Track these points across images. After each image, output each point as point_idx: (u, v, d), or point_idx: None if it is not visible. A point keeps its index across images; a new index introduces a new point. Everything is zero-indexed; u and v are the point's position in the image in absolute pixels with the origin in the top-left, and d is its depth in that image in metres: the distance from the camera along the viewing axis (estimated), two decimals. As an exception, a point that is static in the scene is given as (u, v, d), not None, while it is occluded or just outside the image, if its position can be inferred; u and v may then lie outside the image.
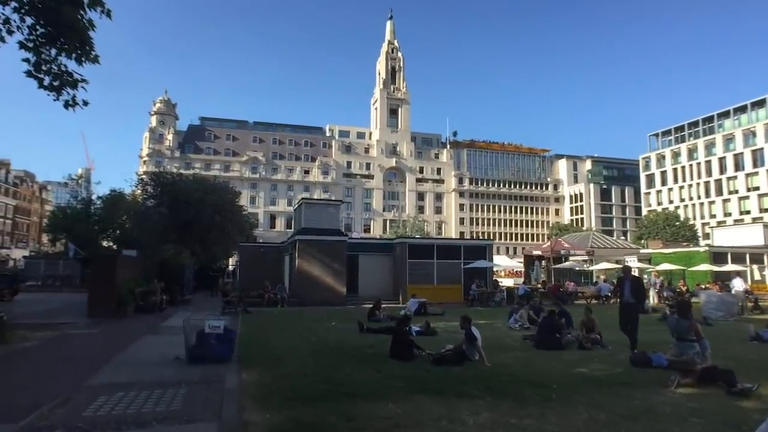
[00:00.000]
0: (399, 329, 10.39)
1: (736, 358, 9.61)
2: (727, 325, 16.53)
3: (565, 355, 10.52)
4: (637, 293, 11.05)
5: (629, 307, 10.93)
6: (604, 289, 26.85)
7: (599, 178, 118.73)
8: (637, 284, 11.48)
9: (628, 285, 11.07)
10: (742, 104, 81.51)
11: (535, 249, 33.31)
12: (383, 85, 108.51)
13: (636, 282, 11.53)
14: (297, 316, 18.59)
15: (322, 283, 24.18)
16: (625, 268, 12.40)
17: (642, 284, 12.29)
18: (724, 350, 10.33)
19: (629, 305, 10.92)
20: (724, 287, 24.81)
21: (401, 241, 27.12)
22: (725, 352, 10.15)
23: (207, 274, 31.15)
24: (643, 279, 27.89)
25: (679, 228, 69.07)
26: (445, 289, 25.85)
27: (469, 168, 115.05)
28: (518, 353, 10.80)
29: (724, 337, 12.67)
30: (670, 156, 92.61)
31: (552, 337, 11.58)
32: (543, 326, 12.04)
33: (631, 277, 11.70)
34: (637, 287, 11.28)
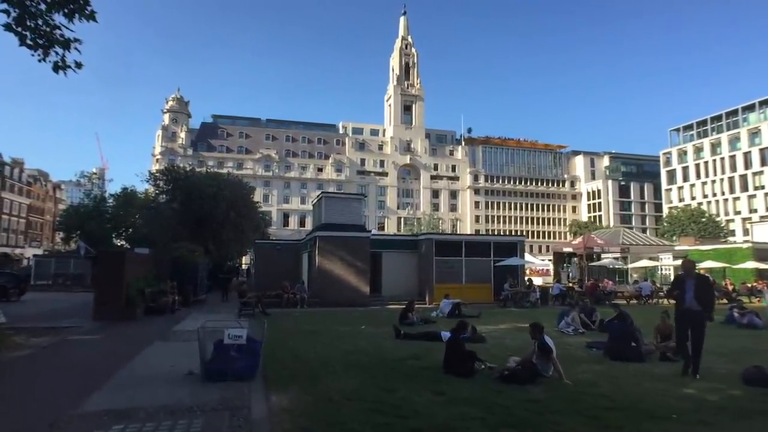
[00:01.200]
0: (455, 338, 8.75)
1: None
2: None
3: (650, 369, 8.81)
4: (704, 297, 8.50)
5: (692, 315, 8.35)
6: (645, 288, 24.99)
7: (617, 175, 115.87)
8: (705, 285, 8.81)
9: (692, 286, 8.51)
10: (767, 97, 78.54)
11: (565, 246, 31.46)
12: (397, 81, 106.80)
13: (703, 282, 8.85)
14: (320, 318, 17.01)
15: (345, 282, 22.61)
16: (686, 264, 9.38)
17: (710, 285, 9.50)
18: None
19: (693, 313, 8.35)
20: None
21: (427, 238, 25.45)
22: None
23: (216, 275, 29.72)
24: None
25: (705, 224, 66.50)
26: (474, 289, 24.15)
27: (484, 165, 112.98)
28: (592, 366, 9.11)
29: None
30: (692, 151, 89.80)
31: (626, 345, 9.86)
32: (615, 333, 10.33)
33: (696, 275, 9.05)
34: (705, 289, 8.66)
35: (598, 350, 10.57)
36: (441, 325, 15.47)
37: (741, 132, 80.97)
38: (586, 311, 14.67)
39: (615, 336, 10.26)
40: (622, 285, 28.19)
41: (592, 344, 11.09)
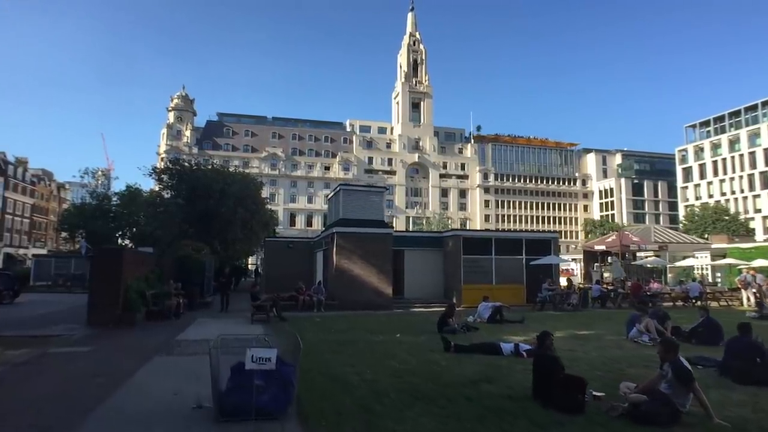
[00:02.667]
0: (545, 356, 6.70)
1: None
2: None
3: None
4: None
5: None
6: (693, 289, 22.81)
7: (630, 173, 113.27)
8: None
9: None
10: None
11: (597, 244, 29.31)
12: (405, 78, 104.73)
13: None
14: (345, 324, 14.96)
15: (365, 282, 20.57)
16: None
17: None
18: None
19: None
20: None
21: (454, 234, 23.35)
22: None
23: (217, 278, 27.72)
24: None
25: (729, 222, 64.05)
26: (505, 290, 22.01)
27: (494, 163, 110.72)
28: (725, 392, 7.00)
29: None
30: (709, 148, 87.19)
31: (753, 364, 7.75)
32: (736, 349, 8.18)
33: None
34: None
35: (706, 367, 8.50)
36: (484, 332, 13.44)
37: (761, 127, 78.41)
38: (658, 317, 12.54)
39: (736, 352, 8.13)
40: (665, 286, 25.92)
41: (696, 360, 8.99)
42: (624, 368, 8.62)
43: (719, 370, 8.24)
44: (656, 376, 6.18)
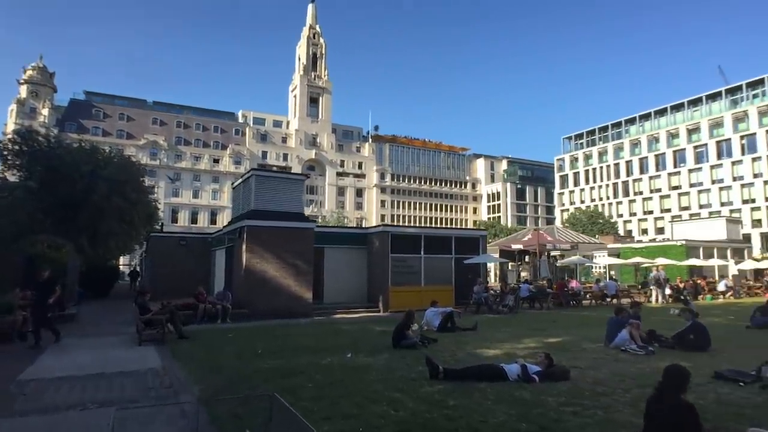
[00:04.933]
0: (676, 406, 4.37)
1: None
2: None
3: None
4: None
5: None
6: (611, 288, 22.84)
7: (515, 178, 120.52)
8: None
9: None
10: (647, 112, 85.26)
11: (513, 243, 28.81)
12: (304, 71, 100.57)
13: None
14: (267, 340, 11.70)
15: (281, 286, 17.28)
16: None
17: None
18: None
19: None
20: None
21: (382, 231, 20.86)
22: None
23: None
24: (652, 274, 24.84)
25: (603, 225, 69.80)
26: (435, 292, 19.91)
27: (391, 163, 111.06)
28: None
29: None
30: (582, 158, 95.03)
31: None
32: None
33: None
34: None
35: (747, 384, 7.04)
36: (449, 344, 11.11)
37: (624, 142, 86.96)
38: (634, 319, 11.16)
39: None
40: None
41: (730, 374, 7.48)
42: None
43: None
44: None
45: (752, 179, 66.29)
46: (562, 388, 7.00)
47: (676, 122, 78.61)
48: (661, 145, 79.85)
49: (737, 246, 34.39)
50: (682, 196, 75.22)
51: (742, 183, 67.54)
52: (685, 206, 74.07)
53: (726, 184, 69.37)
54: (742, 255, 33.97)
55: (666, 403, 4.39)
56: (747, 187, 67.11)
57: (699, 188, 72.71)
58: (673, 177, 77.13)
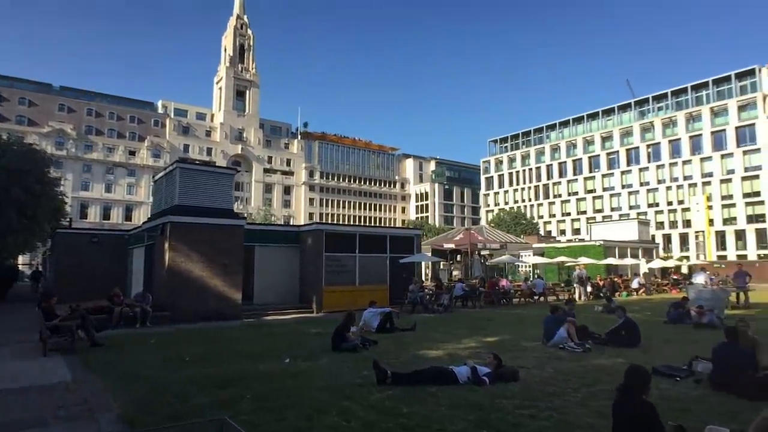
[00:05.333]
0: (637, 397, 4.28)
1: None
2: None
3: None
4: None
5: None
6: (538, 286, 23.70)
7: (442, 179, 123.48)
8: None
9: None
10: (566, 119, 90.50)
11: (445, 242, 29.18)
12: (230, 62, 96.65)
13: None
14: (195, 345, 10.74)
15: (208, 287, 16.16)
16: None
17: None
18: None
19: None
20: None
21: (316, 228, 20.16)
22: None
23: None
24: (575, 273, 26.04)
25: (526, 226, 73.06)
26: (369, 291, 19.60)
27: (320, 161, 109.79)
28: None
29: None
30: (506, 161, 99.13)
31: (746, 375, 6.61)
32: (728, 358, 6.94)
33: None
34: None
35: (683, 378, 7.37)
36: (389, 345, 10.78)
37: (545, 147, 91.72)
38: (570, 316, 11.44)
39: (728, 362, 6.90)
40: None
41: (664, 370, 7.76)
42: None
43: (711, 383, 6.99)
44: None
45: (656, 185, 72.31)
46: (514, 390, 6.87)
47: (591, 130, 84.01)
48: (578, 151, 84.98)
49: (647, 246, 37.22)
50: (596, 199, 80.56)
51: (648, 188, 73.47)
52: (598, 209, 79.36)
53: (634, 189, 75.15)
54: (652, 254, 36.80)
55: (630, 405, 4.30)
56: (652, 192, 73.10)
57: (611, 192, 78.20)
58: (589, 181, 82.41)
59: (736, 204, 63.77)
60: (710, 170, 66.61)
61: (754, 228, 62.00)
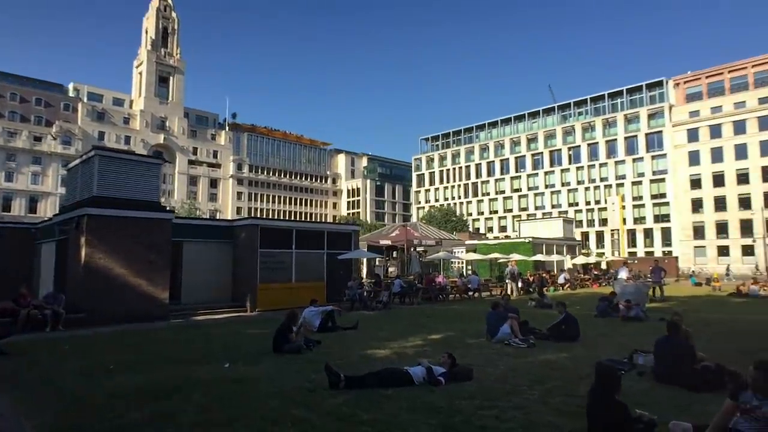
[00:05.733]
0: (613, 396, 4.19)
1: None
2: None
3: None
4: None
5: None
6: (473, 282, 24.15)
7: (374, 175, 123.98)
8: None
9: None
10: (495, 120, 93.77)
11: (382, 238, 29.03)
12: (151, 46, 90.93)
13: None
14: (119, 350, 9.72)
15: (131, 285, 14.85)
16: None
17: None
18: None
19: None
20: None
21: (250, 223, 19.18)
22: None
23: None
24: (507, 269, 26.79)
25: (456, 223, 74.88)
26: (306, 288, 19.18)
27: (249, 154, 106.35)
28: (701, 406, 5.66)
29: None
30: (437, 159, 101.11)
31: (686, 368, 6.91)
32: (668, 351, 7.19)
33: None
34: None
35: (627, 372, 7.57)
36: (335, 343, 10.36)
37: (474, 146, 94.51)
38: (511, 312, 11.59)
39: (670, 353, 7.15)
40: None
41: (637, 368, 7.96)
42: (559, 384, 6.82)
43: (655, 376, 7.23)
44: (727, 409, 4.35)
45: (576, 185, 76.77)
46: (470, 390, 6.69)
47: (518, 131, 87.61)
48: (506, 151, 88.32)
49: (570, 243, 39.27)
50: (522, 198, 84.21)
51: (568, 188, 77.84)
52: (524, 207, 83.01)
53: (556, 188, 79.32)
54: (575, 251, 38.89)
55: (605, 406, 4.23)
56: (572, 192, 77.54)
57: (535, 191, 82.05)
58: (515, 180, 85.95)
59: (645, 204, 69.21)
60: (623, 173, 71.75)
61: (660, 227, 67.66)
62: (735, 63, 65.42)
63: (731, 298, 21.54)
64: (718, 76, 66.24)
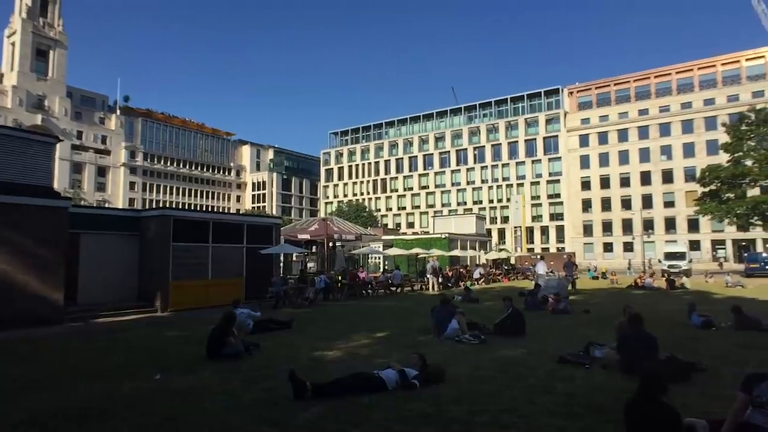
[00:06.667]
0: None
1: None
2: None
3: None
4: None
5: None
6: (396, 277, 23.96)
7: (281, 168, 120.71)
8: None
9: None
10: (404, 117, 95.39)
11: (300, 232, 27.83)
12: (27, 14, 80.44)
13: None
14: (12, 362, 7.94)
15: (16, 285, 12.50)
16: None
17: None
18: None
19: None
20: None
21: (161, 214, 17.15)
22: None
23: None
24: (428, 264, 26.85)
25: (367, 218, 75.05)
26: (223, 285, 17.75)
27: (144, 141, 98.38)
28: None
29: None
30: (347, 154, 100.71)
31: (652, 360, 7.03)
32: (635, 343, 7.24)
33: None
34: None
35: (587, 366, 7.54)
36: (277, 346, 9.39)
37: (384, 143, 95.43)
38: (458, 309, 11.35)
39: (633, 347, 7.21)
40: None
41: (570, 358, 7.93)
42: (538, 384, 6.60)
43: (622, 369, 7.25)
44: (741, 403, 4.26)
45: (481, 184, 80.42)
46: (451, 393, 6.20)
47: (426, 130, 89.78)
48: (414, 149, 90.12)
49: (482, 239, 40.84)
50: (429, 195, 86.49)
51: (473, 187, 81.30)
52: (431, 204, 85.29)
53: (462, 187, 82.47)
54: (486, 247, 40.47)
55: (655, 409, 3.90)
56: (477, 190, 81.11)
57: (442, 189, 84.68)
58: (423, 177, 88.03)
59: (542, 204, 74.35)
60: (523, 173, 76.47)
61: (555, 225, 73.11)
62: (619, 77, 72.48)
63: (630, 290, 23.44)
64: (606, 88, 72.97)
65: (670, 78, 68.87)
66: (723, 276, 29.00)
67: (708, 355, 8.22)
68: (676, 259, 38.77)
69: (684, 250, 43.37)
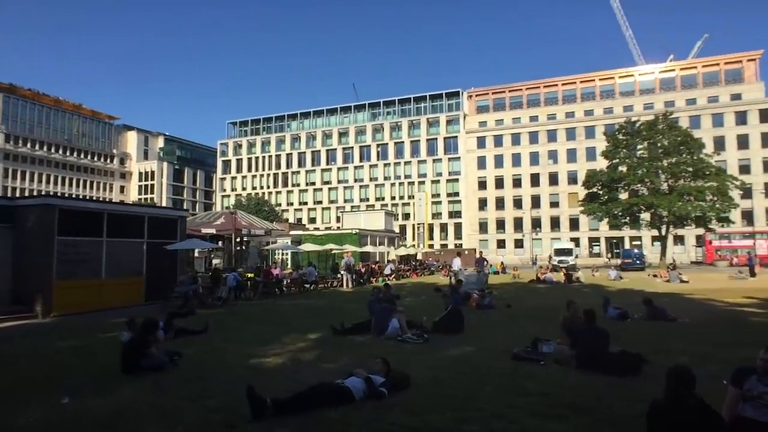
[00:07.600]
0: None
1: None
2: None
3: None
4: None
5: None
6: (310, 274, 23.10)
7: (173, 158, 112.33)
8: None
9: None
10: (307, 111, 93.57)
11: (204, 227, 25.66)
12: None
13: None
14: None
15: None
16: None
17: None
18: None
19: None
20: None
21: (43, 203, 14.56)
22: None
23: None
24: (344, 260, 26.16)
25: (269, 213, 72.35)
26: (119, 285, 15.79)
27: (7, 120, 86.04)
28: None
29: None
30: (246, 145, 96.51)
31: (607, 354, 7.19)
32: (591, 339, 7.32)
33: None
34: None
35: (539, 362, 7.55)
36: (202, 353, 8.26)
37: (286, 136, 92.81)
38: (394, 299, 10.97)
39: (589, 342, 7.30)
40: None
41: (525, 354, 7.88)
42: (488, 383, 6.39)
43: (578, 364, 7.30)
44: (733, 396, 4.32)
45: (383, 181, 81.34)
46: (425, 401, 5.73)
47: (330, 125, 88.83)
48: (317, 144, 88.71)
49: (391, 235, 41.06)
50: (332, 191, 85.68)
51: (376, 183, 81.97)
52: (333, 200, 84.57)
53: (365, 183, 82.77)
54: (395, 243, 40.77)
55: (691, 406, 3.75)
56: (379, 187, 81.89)
57: (345, 185, 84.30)
58: (326, 173, 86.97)
59: (442, 202, 77.09)
60: (425, 172, 78.68)
61: (454, 222, 76.19)
62: (513, 84, 77.43)
63: (534, 284, 24.80)
64: (501, 94, 77.55)
65: (557, 89, 75.03)
66: (607, 270, 31.99)
67: (639, 346, 8.60)
68: (565, 254, 42.32)
69: (571, 246, 47.49)
